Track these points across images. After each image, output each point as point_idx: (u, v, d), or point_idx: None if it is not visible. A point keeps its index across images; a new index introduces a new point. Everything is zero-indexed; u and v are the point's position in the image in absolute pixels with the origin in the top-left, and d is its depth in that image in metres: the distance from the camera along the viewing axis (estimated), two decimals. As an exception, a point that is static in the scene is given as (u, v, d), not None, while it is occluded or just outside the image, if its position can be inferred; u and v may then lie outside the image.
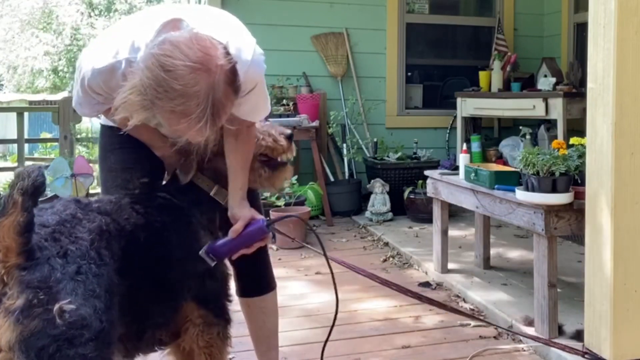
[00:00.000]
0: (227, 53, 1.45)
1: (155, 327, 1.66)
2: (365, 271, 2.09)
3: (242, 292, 2.14)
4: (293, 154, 2.01)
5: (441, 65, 6.44)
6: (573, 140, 2.67)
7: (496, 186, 2.92)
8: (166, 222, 1.69)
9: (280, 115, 5.22)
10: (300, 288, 3.51)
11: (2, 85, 18.06)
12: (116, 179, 1.86)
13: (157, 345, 1.72)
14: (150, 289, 1.61)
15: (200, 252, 1.71)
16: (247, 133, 1.83)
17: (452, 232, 4.17)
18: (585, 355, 2.32)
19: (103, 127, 1.93)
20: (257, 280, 2.13)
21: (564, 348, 2.22)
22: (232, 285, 1.96)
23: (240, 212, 1.80)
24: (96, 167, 6.30)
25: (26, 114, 7.50)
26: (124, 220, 1.58)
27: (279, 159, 1.97)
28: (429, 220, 4.04)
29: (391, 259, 4.14)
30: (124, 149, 1.87)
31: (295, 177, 4.90)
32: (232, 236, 1.77)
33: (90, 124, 17.28)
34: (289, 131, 2.01)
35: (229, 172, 1.83)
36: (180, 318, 1.72)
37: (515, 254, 4.10)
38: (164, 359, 1.87)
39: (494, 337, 2.82)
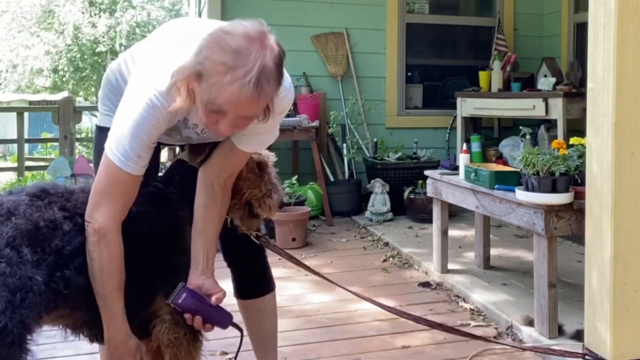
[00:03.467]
0: (279, 44, 1.53)
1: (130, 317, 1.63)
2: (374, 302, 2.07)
3: (240, 294, 2.12)
4: (273, 217, 2.02)
5: (441, 65, 6.44)
6: (573, 140, 2.67)
7: (496, 186, 2.92)
8: (149, 212, 1.66)
9: (280, 115, 5.21)
10: (299, 288, 3.51)
11: (1, 84, 18.07)
12: None
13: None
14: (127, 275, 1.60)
15: (174, 292, 1.63)
16: (230, 186, 1.80)
17: (452, 232, 4.17)
18: (586, 357, 2.32)
19: (100, 128, 1.90)
20: (255, 282, 2.12)
21: (563, 354, 2.22)
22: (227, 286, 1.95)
23: (215, 285, 1.71)
24: (96, 167, 6.31)
25: (26, 114, 7.49)
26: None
27: (256, 211, 1.90)
28: (429, 220, 4.04)
29: (391, 259, 4.14)
30: None
31: (295, 177, 4.91)
32: (208, 302, 1.68)
33: (90, 124, 17.30)
34: (285, 200, 1.98)
35: (199, 230, 1.73)
36: (151, 312, 1.68)
37: (515, 254, 4.10)
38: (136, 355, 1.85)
39: (494, 337, 2.82)
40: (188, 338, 1.68)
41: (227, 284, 1.96)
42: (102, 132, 1.83)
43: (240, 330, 1.85)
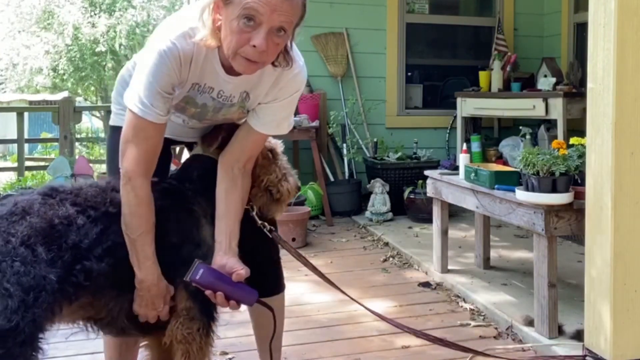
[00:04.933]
0: None
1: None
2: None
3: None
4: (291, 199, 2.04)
5: (441, 65, 6.44)
6: (573, 140, 2.67)
7: (496, 186, 2.92)
8: (164, 206, 1.67)
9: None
10: (299, 288, 3.51)
11: (2, 84, 18.08)
12: None
13: (145, 328, 1.69)
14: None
15: (190, 269, 1.61)
16: (250, 170, 1.83)
17: (452, 232, 4.17)
18: (586, 357, 2.32)
19: (113, 128, 1.92)
20: (267, 281, 2.09)
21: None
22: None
23: (238, 264, 1.70)
24: (96, 168, 6.31)
25: (26, 114, 7.49)
26: (106, 204, 1.61)
27: (276, 196, 1.94)
28: (429, 220, 4.04)
29: (391, 259, 4.14)
30: None
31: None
32: (229, 279, 1.67)
33: (90, 124, 17.31)
34: (299, 185, 2.02)
35: (221, 214, 1.75)
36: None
37: (515, 254, 4.10)
38: (143, 353, 1.86)
39: (494, 337, 2.82)
40: (201, 334, 1.68)
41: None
42: (115, 132, 1.85)
43: (270, 308, 1.84)
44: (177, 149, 4.23)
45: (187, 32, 1.62)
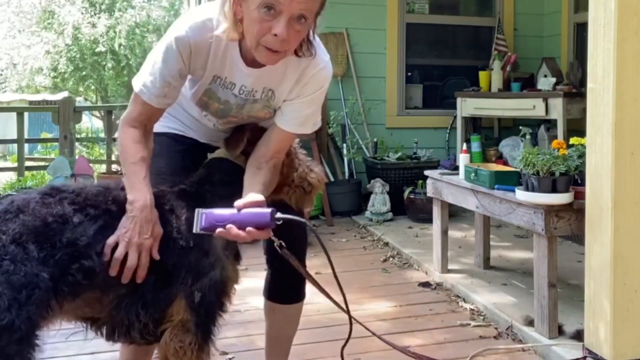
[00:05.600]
0: None
1: (145, 313, 1.58)
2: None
3: (270, 296, 2.11)
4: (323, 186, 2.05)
5: (441, 65, 6.44)
6: (573, 140, 2.67)
7: (496, 186, 2.92)
8: (176, 206, 1.65)
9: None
10: (300, 288, 3.51)
11: (2, 84, 18.09)
12: (165, 181, 1.81)
13: (145, 335, 1.62)
14: (152, 262, 1.57)
15: (194, 221, 1.54)
16: (278, 166, 1.80)
17: (452, 232, 4.17)
18: (586, 359, 2.32)
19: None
20: (289, 288, 2.10)
21: None
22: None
23: (253, 195, 1.61)
24: (96, 168, 6.31)
25: (26, 114, 7.49)
26: (107, 202, 1.59)
27: (308, 189, 1.95)
28: (429, 220, 4.04)
29: (391, 259, 4.14)
30: (171, 157, 1.89)
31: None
32: (232, 210, 1.56)
33: (90, 124, 17.32)
34: (326, 172, 2.02)
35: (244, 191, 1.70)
36: (167, 314, 1.62)
37: (515, 254, 4.10)
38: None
39: (494, 337, 2.82)
40: (193, 348, 1.62)
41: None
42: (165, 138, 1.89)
43: (302, 222, 1.77)
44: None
45: (206, 23, 1.64)
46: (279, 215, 1.56)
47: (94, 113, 17.48)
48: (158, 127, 1.84)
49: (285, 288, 2.10)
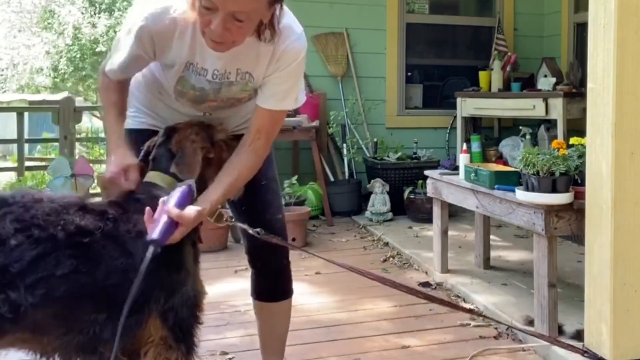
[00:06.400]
0: None
1: (112, 341, 1.44)
2: (369, 272, 2.02)
3: (257, 296, 2.13)
4: None
5: (441, 65, 6.44)
6: (573, 140, 2.67)
7: (496, 186, 2.92)
8: (138, 232, 1.51)
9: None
10: (300, 288, 3.51)
11: (2, 84, 18.10)
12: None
13: None
14: (99, 298, 1.44)
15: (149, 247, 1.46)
16: (261, 149, 1.78)
17: (452, 232, 4.17)
18: (585, 354, 2.32)
19: (128, 131, 1.95)
20: (274, 286, 2.11)
21: (566, 347, 2.21)
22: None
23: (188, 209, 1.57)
24: (96, 168, 6.30)
25: (26, 114, 7.49)
26: (57, 226, 1.42)
27: None
28: (429, 220, 4.04)
29: (391, 259, 4.14)
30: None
31: (296, 177, 4.91)
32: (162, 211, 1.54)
33: (90, 124, 17.30)
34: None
35: (214, 182, 1.70)
36: (142, 336, 1.53)
37: (515, 254, 4.10)
38: None
39: (494, 337, 2.82)
40: None
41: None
42: (130, 135, 1.87)
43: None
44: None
45: (167, 7, 1.64)
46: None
47: (94, 113, 17.43)
48: (134, 123, 1.91)
49: (270, 286, 2.11)
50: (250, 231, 1.77)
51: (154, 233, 1.48)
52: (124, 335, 1.45)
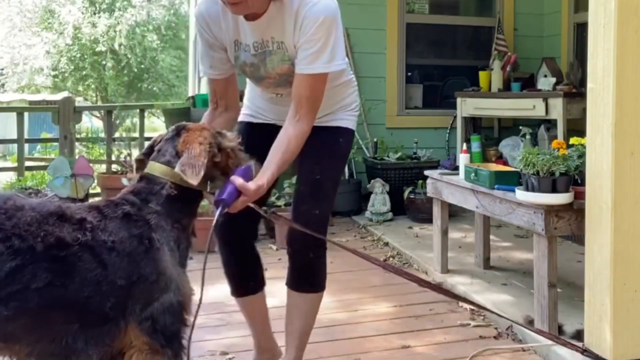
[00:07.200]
0: None
1: (85, 351, 1.46)
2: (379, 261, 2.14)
3: (286, 281, 2.18)
4: None
5: (441, 65, 6.44)
6: (573, 140, 2.67)
7: (496, 186, 2.92)
8: (119, 240, 1.50)
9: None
10: (300, 288, 3.51)
11: (4, 84, 18.11)
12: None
13: None
14: (72, 309, 1.43)
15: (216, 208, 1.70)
16: (305, 116, 1.89)
17: (452, 232, 4.17)
18: (584, 353, 2.32)
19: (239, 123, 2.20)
20: (303, 276, 2.14)
21: (565, 344, 2.21)
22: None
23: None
24: (96, 168, 6.30)
25: (26, 114, 7.49)
26: (37, 237, 1.40)
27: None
28: (429, 220, 4.04)
29: (391, 259, 4.14)
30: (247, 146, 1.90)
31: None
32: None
33: (90, 124, 17.30)
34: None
35: (266, 161, 1.87)
36: (124, 343, 1.52)
37: (515, 254, 4.10)
38: None
39: (494, 337, 2.82)
40: None
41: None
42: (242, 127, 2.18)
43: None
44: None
45: None
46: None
47: (94, 113, 17.47)
48: (242, 117, 2.20)
49: (300, 275, 2.14)
50: (260, 211, 1.90)
51: (223, 194, 1.70)
52: (97, 345, 1.47)
